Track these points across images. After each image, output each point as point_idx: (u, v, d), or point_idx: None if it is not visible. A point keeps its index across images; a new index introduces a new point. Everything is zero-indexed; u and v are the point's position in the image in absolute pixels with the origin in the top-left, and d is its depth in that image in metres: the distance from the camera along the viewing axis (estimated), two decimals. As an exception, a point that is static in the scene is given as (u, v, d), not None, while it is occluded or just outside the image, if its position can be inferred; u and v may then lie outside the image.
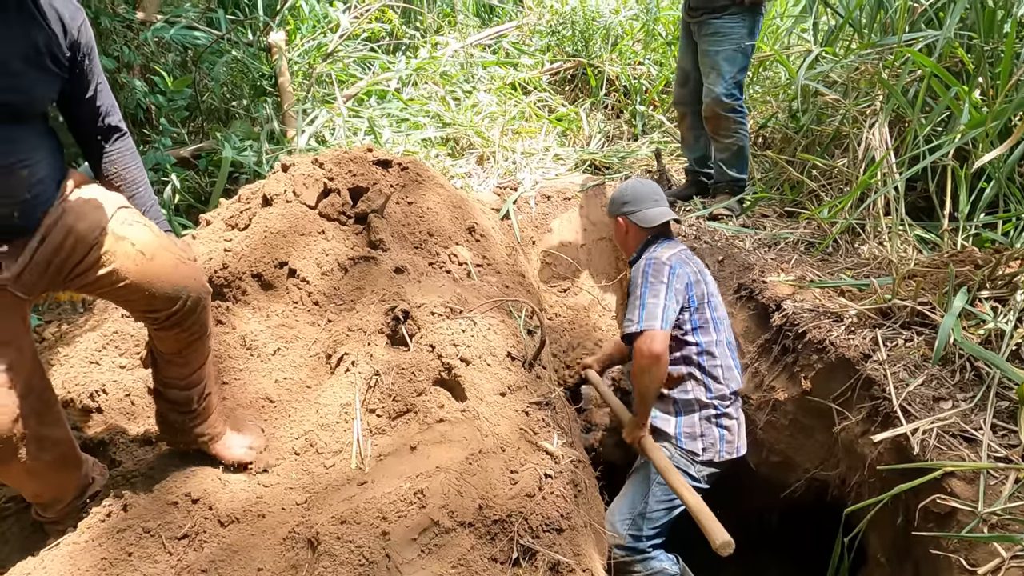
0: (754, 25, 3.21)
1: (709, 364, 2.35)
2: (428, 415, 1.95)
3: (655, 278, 2.37)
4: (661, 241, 2.55)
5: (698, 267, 2.51)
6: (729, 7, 3.16)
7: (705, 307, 2.39)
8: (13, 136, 1.48)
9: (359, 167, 2.69)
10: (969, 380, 2.03)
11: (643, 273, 2.39)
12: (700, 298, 2.39)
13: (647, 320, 2.27)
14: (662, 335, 2.26)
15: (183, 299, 1.64)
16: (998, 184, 2.54)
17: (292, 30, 5.24)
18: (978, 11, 2.67)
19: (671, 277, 2.35)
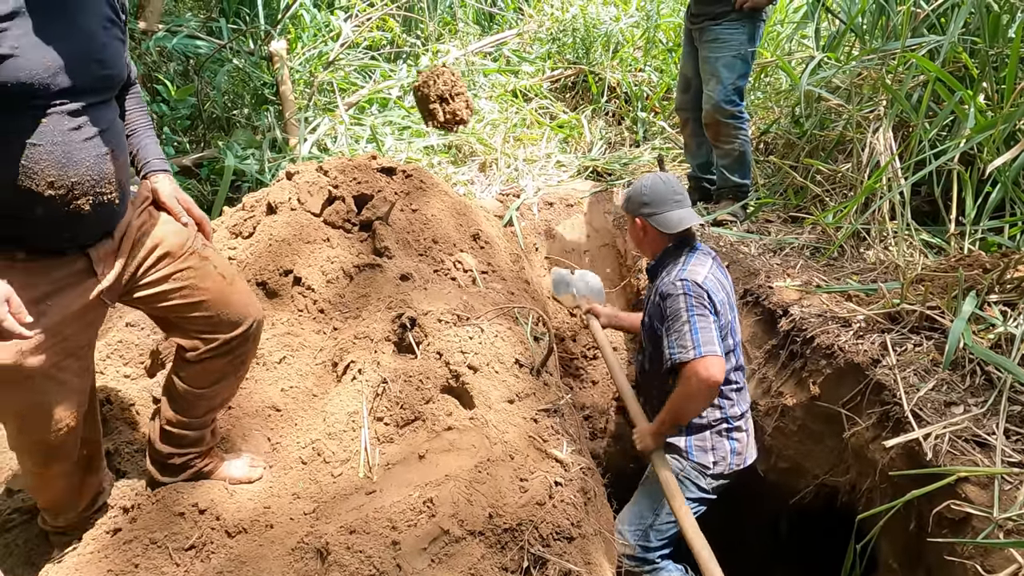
0: (754, 31, 3.22)
1: (727, 390, 2.28)
2: (436, 423, 1.93)
3: (698, 302, 2.17)
4: (688, 252, 2.34)
5: (727, 289, 2.33)
6: (729, 13, 3.16)
7: (729, 335, 2.27)
8: (111, 115, 1.47)
9: (363, 174, 2.69)
10: (980, 385, 2.02)
11: (684, 296, 2.18)
12: (725, 327, 2.26)
13: (705, 345, 2.11)
14: (722, 361, 2.12)
15: (246, 326, 1.66)
16: (1004, 188, 2.53)
17: (293, 39, 5.25)
18: (983, 15, 2.67)
19: (710, 303, 2.19)
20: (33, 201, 1.35)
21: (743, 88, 3.29)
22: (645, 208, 2.37)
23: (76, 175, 1.38)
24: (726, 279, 2.37)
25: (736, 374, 2.31)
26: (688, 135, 3.72)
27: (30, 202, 1.35)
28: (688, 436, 2.32)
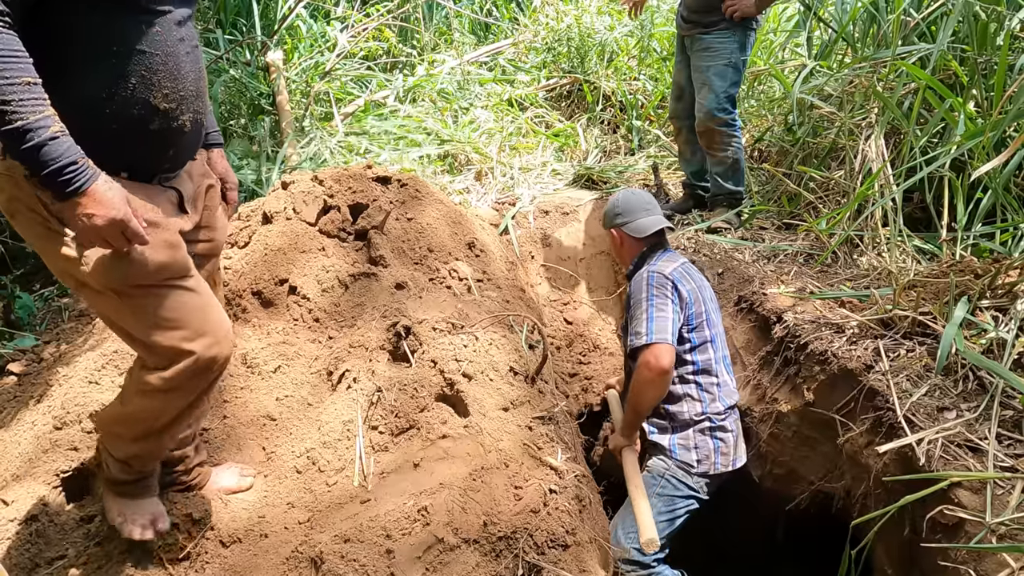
0: (745, 40, 3.25)
1: (706, 382, 2.36)
2: (431, 431, 1.94)
3: (659, 291, 2.34)
4: (659, 253, 2.54)
5: (698, 282, 2.49)
6: (719, 23, 3.19)
7: (704, 325, 2.39)
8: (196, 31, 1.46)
9: (359, 184, 2.70)
10: (972, 390, 2.02)
11: (647, 285, 2.36)
12: (699, 316, 2.38)
13: (657, 333, 2.25)
14: (671, 349, 2.26)
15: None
16: (995, 194, 2.55)
17: (290, 49, 5.28)
18: (971, 24, 2.70)
19: (675, 292, 2.34)
20: (150, 114, 1.34)
21: (735, 96, 3.31)
22: (619, 219, 2.62)
23: (183, 88, 1.38)
24: (698, 276, 2.53)
25: (716, 366, 2.37)
26: (682, 143, 3.75)
27: (147, 115, 1.34)
28: (672, 435, 2.38)
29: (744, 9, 3.10)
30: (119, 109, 1.30)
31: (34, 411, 2.19)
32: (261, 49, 4.94)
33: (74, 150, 1.19)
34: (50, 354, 2.70)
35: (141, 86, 1.31)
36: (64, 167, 1.18)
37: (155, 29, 1.31)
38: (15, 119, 1.13)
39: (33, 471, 1.97)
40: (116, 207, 1.23)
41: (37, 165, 1.17)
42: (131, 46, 1.29)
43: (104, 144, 1.29)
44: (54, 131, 1.17)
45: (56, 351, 2.70)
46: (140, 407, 1.52)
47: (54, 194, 1.21)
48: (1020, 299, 2.13)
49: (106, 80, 1.28)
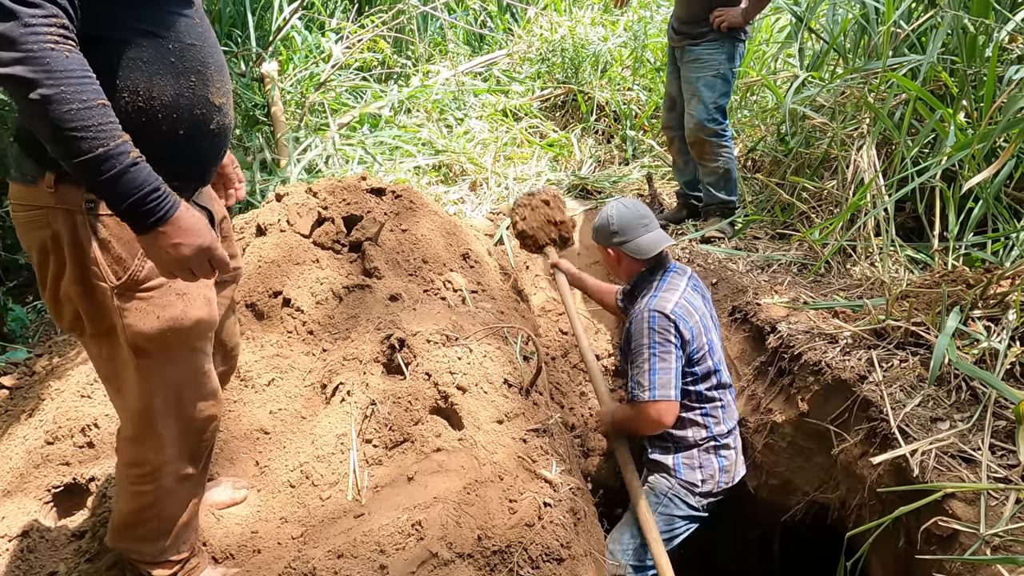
0: (734, 51, 3.27)
1: (710, 407, 2.31)
2: (425, 444, 1.93)
3: (663, 338, 2.18)
4: (661, 274, 2.36)
5: (699, 310, 2.33)
6: (708, 34, 3.22)
7: (706, 356, 2.29)
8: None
9: (353, 195, 2.70)
10: (965, 400, 2.03)
11: (648, 329, 2.19)
12: (700, 349, 2.28)
13: (660, 389, 2.15)
14: (674, 407, 2.18)
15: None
16: (986, 204, 2.57)
17: (285, 60, 5.29)
18: (960, 36, 2.72)
19: (677, 336, 2.21)
20: (210, 111, 1.28)
21: (725, 107, 3.33)
22: (616, 238, 2.40)
23: (226, 80, 1.32)
24: (702, 298, 2.41)
25: (719, 392, 2.34)
26: (675, 153, 3.77)
27: (208, 113, 1.28)
28: (676, 454, 2.34)
29: (731, 20, 3.12)
30: (186, 110, 1.25)
31: (25, 425, 2.18)
32: (256, 60, 4.95)
33: (154, 176, 1.11)
34: (42, 367, 2.69)
35: (200, 83, 1.26)
36: (148, 195, 1.09)
37: (195, 20, 1.26)
38: (96, 146, 1.04)
39: (24, 486, 1.96)
40: (203, 233, 1.16)
41: (118, 195, 1.08)
42: (184, 41, 1.23)
43: (166, 151, 1.23)
44: (134, 157, 1.08)
45: (48, 364, 2.69)
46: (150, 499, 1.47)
47: (134, 226, 1.12)
48: (1012, 309, 2.13)
49: (171, 81, 1.22)
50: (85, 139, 1.03)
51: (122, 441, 1.46)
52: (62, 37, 1.02)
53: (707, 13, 3.18)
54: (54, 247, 1.23)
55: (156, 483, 1.45)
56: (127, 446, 1.44)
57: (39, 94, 0.99)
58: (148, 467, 1.44)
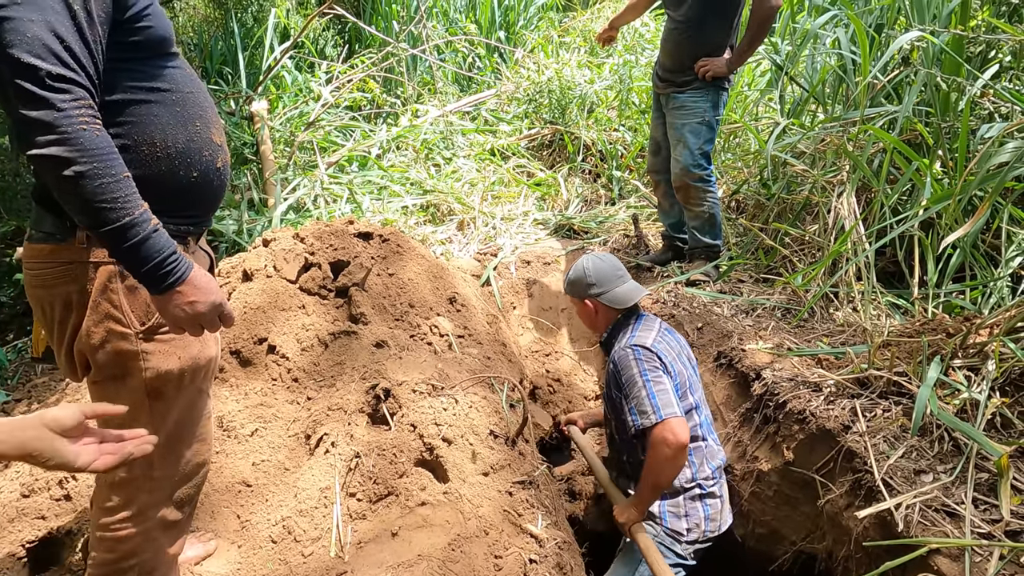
0: (718, 99, 3.34)
1: (693, 447, 2.31)
2: (410, 498, 1.91)
3: (651, 365, 2.22)
4: (635, 320, 2.43)
5: (676, 349, 2.40)
6: (692, 82, 3.29)
7: (688, 393, 2.32)
8: None
9: (340, 240, 2.71)
10: (948, 451, 2.04)
11: (635, 361, 2.23)
12: (683, 385, 2.31)
13: (664, 408, 2.13)
14: (684, 422, 2.14)
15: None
16: (963, 253, 2.63)
17: (275, 99, 5.34)
18: (933, 91, 2.81)
19: (662, 363, 2.25)
20: (215, 152, 1.37)
21: (710, 152, 3.39)
22: (593, 289, 2.47)
23: (220, 121, 1.42)
24: (677, 340, 2.46)
25: (702, 431, 2.34)
26: (660, 196, 3.82)
27: (214, 154, 1.37)
28: (662, 501, 2.33)
29: (716, 70, 3.20)
30: (196, 154, 1.34)
31: (1, 476, 2.13)
32: (246, 99, 4.99)
33: (171, 241, 1.21)
34: (21, 413, 2.64)
35: (203, 126, 1.36)
36: (167, 259, 1.19)
37: (185, 70, 1.37)
38: (123, 215, 1.13)
39: (-3, 542, 1.91)
40: (214, 291, 1.26)
41: (140, 260, 1.17)
42: (183, 90, 1.34)
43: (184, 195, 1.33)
44: (154, 224, 1.18)
45: (27, 410, 2.64)
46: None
47: (152, 287, 1.21)
48: (991, 359, 2.17)
49: (181, 130, 1.32)
50: (113, 210, 1.13)
51: (110, 486, 1.46)
52: (91, 117, 1.12)
53: (692, 62, 3.25)
54: (79, 300, 1.31)
55: (142, 526, 1.47)
56: (117, 489, 1.45)
57: (73, 171, 1.09)
58: (135, 508, 1.46)
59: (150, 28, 1.25)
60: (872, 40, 3.22)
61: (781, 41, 4.12)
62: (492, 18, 6.75)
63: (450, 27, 6.72)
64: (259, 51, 6.25)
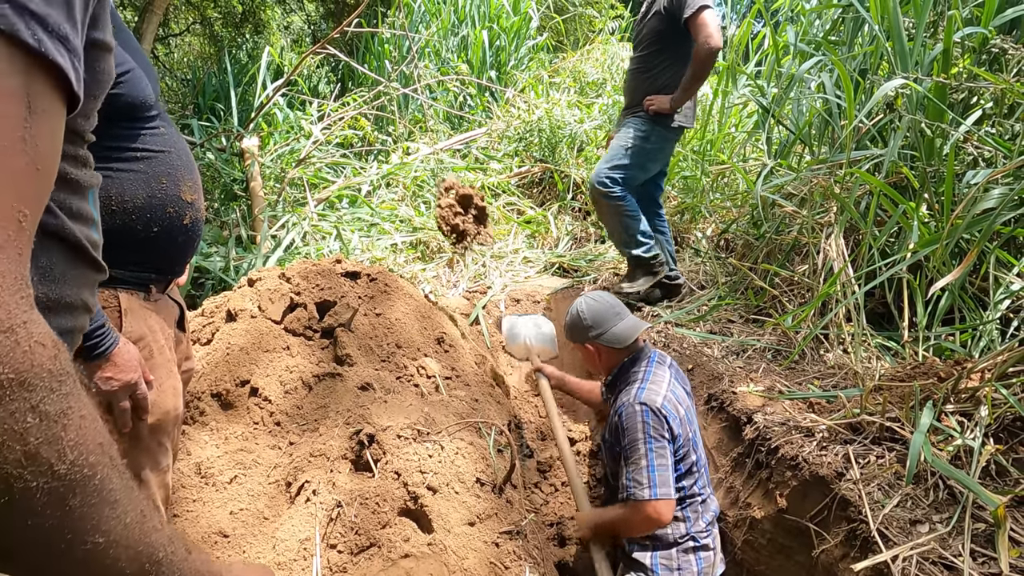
0: (652, 132, 3.44)
1: (690, 503, 2.28)
2: (392, 550, 1.84)
3: (657, 433, 2.18)
4: (645, 364, 2.36)
5: (684, 400, 2.34)
6: (638, 110, 3.47)
7: (690, 451, 2.28)
8: None
9: (327, 280, 2.68)
10: (943, 500, 2.01)
11: (643, 424, 2.18)
12: (686, 444, 2.27)
13: (660, 487, 2.12)
14: (673, 505, 2.14)
15: None
16: (952, 296, 2.63)
17: (266, 136, 5.35)
18: (917, 136, 2.85)
19: (668, 431, 2.21)
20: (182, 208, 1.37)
21: (619, 178, 3.48)
22: (591, 332, 2.43)
23: (196, 177, 1.44)
24: (684, 388, 2.42)
25: (699, 488, 2.29)
26: None
27: (180, 211, 1.37)
28: (654, 552, 2.27)
29: (659, 106, 3.34)
30: (159, 210, 1.35)
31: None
32: (237, 136, 5.00)
33: (101, 314, 1.21)
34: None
35: (170, 184, 1.36)
36: (94, 331, 1.19)
37: (161, 130, 1.38)
38: None
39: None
40: (132, 370, 1.24)
41: None
42: (152, 149, 1.35)
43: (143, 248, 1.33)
44: None
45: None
46: None
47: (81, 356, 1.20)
48: (983, 405, 2.14)
49: (142, 187, 1.33)
50: None
51: None
52: None
53: (643, 96, 3.45)
54: None
55: None
56: None
57: None
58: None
59: (122, 96, 1.27)
60: (856, 85, 3.27)
61: (767, 84, 4.19)
62: (483, 58, 6.85)
63: (442, 67, 6.81)
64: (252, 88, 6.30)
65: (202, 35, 10.90)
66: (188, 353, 1.65)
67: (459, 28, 7.10)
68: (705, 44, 3.07)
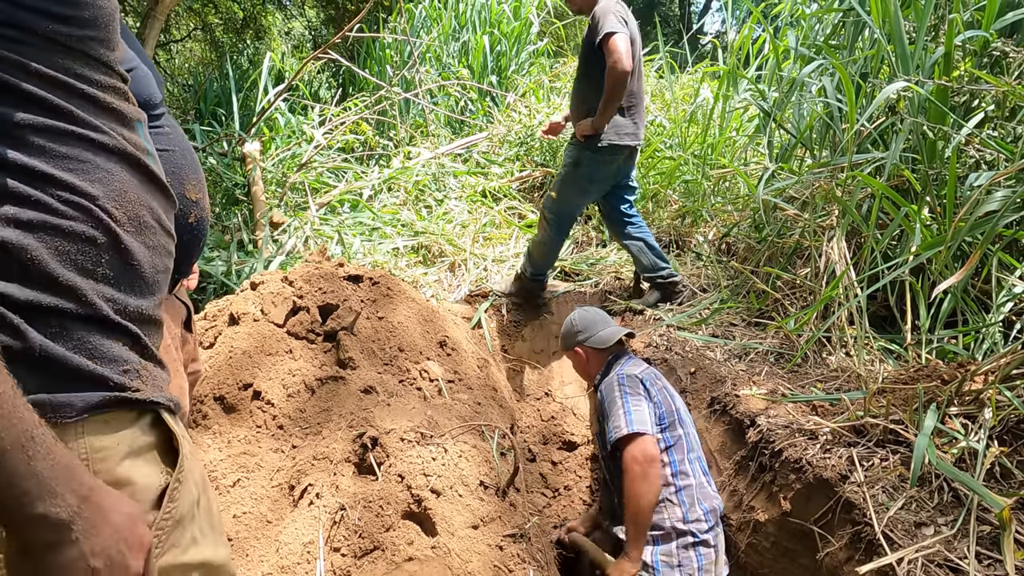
0: (581, 157, 3.55)
1: (683, 484, 2.31)
2: (396, 553, 1.84)
3: (632, 389, 2.36)
4: (624, 359, 2.60)
5: (665, 384, 2.54)
6: (573, 138, 3.62)
7: (675, 424, 2.39)
8: None
9: (329, 284, 2.68)
10: (948, 502, 2.00)
11: (618, 385, 2.38)
12: (670, 415, 2.39)
13: (638, 424, 2.22)
14: (654, 439, 2.24)
15: None
16: (955, 298, 2.62)
17: (267, 141, 5.36)
18: (919, 139, 2.85)
19: (646, 392, 2.38)
20: (188, 207, 1.37)
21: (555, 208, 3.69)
22: (580, 336, 2.71)
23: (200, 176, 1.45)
24: (664, 381, 2.57)
25: (691, 466, 2.33)
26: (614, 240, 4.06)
27: (186, 210, 1.37)
28: (654, 547, 2.28)
29: (582, 130, 3.47)
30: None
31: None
32: (238, 140, 5.01)
33: None
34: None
35: (176, 182, 1.36)
36: None
37: (165, 129, 1.39)
38: None
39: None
40: None
41: None
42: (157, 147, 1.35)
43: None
44: None
45: None
46: None
47: None
48: (987, 407, 2.14)
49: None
50: None
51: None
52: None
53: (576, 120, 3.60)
54: None
55: None
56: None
57: None
58: None
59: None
60: (858, 88, 3.28)
61: (768, 88, 4.19)
62: (484, 63, 6.87)
63: (443, 72, 6.83)
64: (253, 93, 6.31)
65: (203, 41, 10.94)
66: (195, 355, 1.65)
67: (460, 33, 7.12)
68: (613, 68, 3.18)
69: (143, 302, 0.86)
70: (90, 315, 0.78)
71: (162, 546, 0.84)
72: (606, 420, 2.37)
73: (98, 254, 0.79)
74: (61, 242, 0.75)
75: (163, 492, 0.84)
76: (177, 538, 0.87)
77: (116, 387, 0.79)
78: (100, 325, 0.79)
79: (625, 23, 3.27)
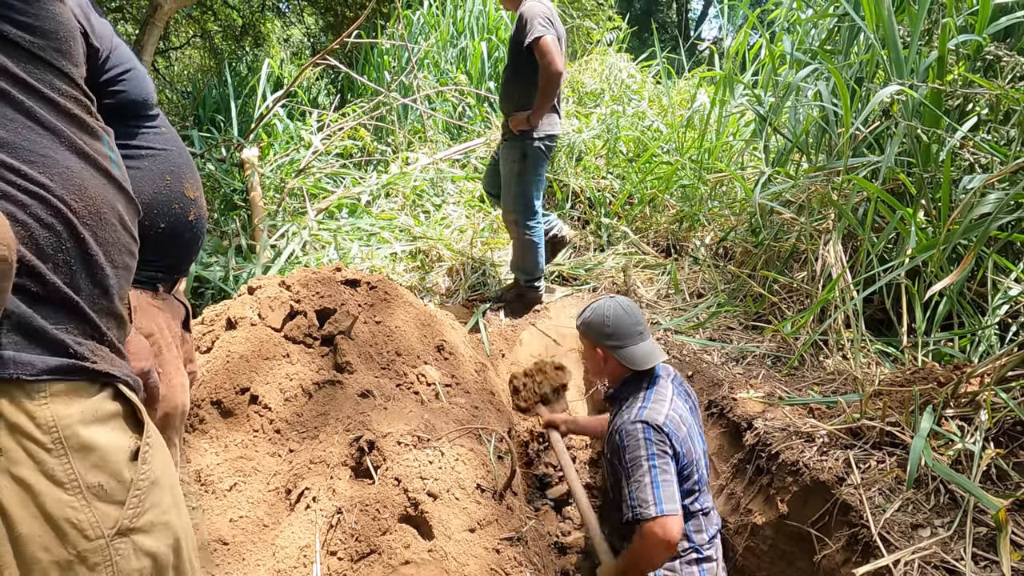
0: (527, 150, 3.61)
1: (693, 522, 2.24)
2: (393, 556, 1.84)
3: (659, 449, 2.11)
4: (649, 385, 2.29)
5: (688, 418, 2.28)
6: (506, 134, 3.70)
7: (694, 470, 2.23)
8: None
9: (327, 288, 2.69)
10: (944, 504, 2.00)
11: (645, 441, 2.11)
12: (690, 464, 2.21)
13: (667, 503, 2.03)
14: (680, 521, 2.07)
15: None
16: (950, 301, 2.63)
17: (266, 146, 5.37)
18: (913, 143, 2.87)
19: (672, 449, 2.15)
20: (187, 205, 1.39)
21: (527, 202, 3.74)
22: (609, 340, 2.33)
23: (197, 175, 1.46)
24: (688, 406, 2.34)
25: (702, 503, 2.26)
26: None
27: (185, 208, 1.39)
28: None
29: (518, 124, 3.55)
30: (165, 206, 1.37)
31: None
32: (237, 146, 5.02)
33: None
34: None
35: (174, 181, 1.39)
36: None
37: (161, 130, 1.41)
38: None
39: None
40: (145, 359, 1.23)
41: None
42: (154, 147, 1.38)
43: (150, 245, 1.33)
44: None
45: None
46: None
47: None
48: (983, 409, 2.15)
49: (148, 184, 1.35)
50: None
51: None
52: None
53: (507, 115, 3.66)
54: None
55: None
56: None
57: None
58: None
59: (123, 93, 1.30)
60: (853, 92, 3.30)
61: (764, 93, 4.21)
62: (482, 69, 6.89)
63: (441, 78, 6.85)
64: (252, 99, 6.33)
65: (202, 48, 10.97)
66: (191, 356, 1.66)
67: (458, 40, 7.14)
68: (547, 68, 3.34)
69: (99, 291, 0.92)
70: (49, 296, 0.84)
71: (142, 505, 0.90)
72: (627, 478, 2.14)
73: (58, 242, 0.85)
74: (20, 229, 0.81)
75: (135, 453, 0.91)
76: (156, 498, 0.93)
77: (75, 356, 0.85)
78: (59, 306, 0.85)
79: (551, 23, 3.40)
